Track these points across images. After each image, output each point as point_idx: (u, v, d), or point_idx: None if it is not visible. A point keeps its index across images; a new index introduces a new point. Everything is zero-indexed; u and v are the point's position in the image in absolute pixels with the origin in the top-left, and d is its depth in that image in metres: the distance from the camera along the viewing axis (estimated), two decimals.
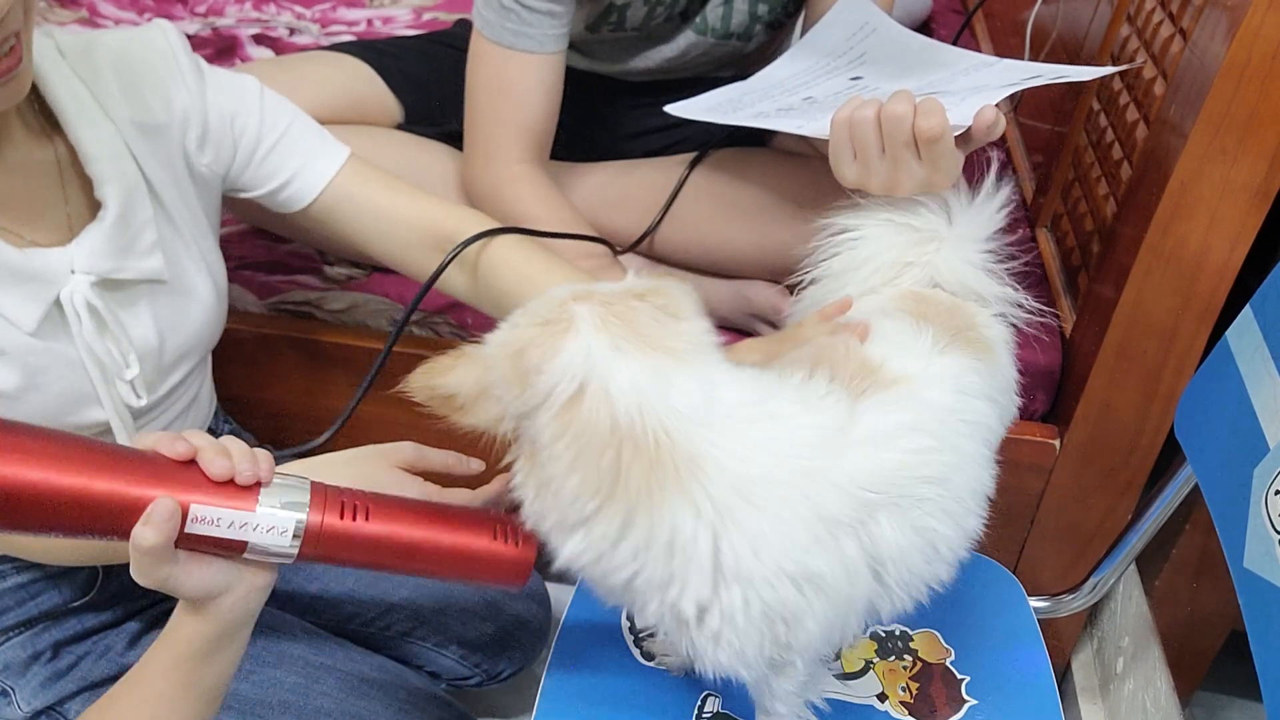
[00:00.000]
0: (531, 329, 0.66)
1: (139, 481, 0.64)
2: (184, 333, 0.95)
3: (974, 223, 0.89)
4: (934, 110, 0.83)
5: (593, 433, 0.63)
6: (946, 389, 0.77)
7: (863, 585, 0.70)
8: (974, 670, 1.00)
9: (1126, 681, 1.30)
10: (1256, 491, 0.82)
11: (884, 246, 0.89)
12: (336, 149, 1.01)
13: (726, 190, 1.18)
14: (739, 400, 0.67)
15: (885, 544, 0.69)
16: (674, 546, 0.65)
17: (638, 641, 1.01)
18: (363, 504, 0.70)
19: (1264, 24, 0.92)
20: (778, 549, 0.65)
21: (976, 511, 0.78)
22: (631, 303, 0.67)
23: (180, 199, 0.93)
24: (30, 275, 0.82)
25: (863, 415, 0.71)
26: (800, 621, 0.68)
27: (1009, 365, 0.87)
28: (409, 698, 1.06)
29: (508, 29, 1.05)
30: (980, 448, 0.78)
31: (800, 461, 0.67)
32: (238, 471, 0.66)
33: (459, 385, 0.68)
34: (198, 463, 0.66)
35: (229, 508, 0.65)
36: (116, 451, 0.65)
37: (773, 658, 0.70)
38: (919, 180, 0.87)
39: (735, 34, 1.20)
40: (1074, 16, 1.51)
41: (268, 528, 0.66)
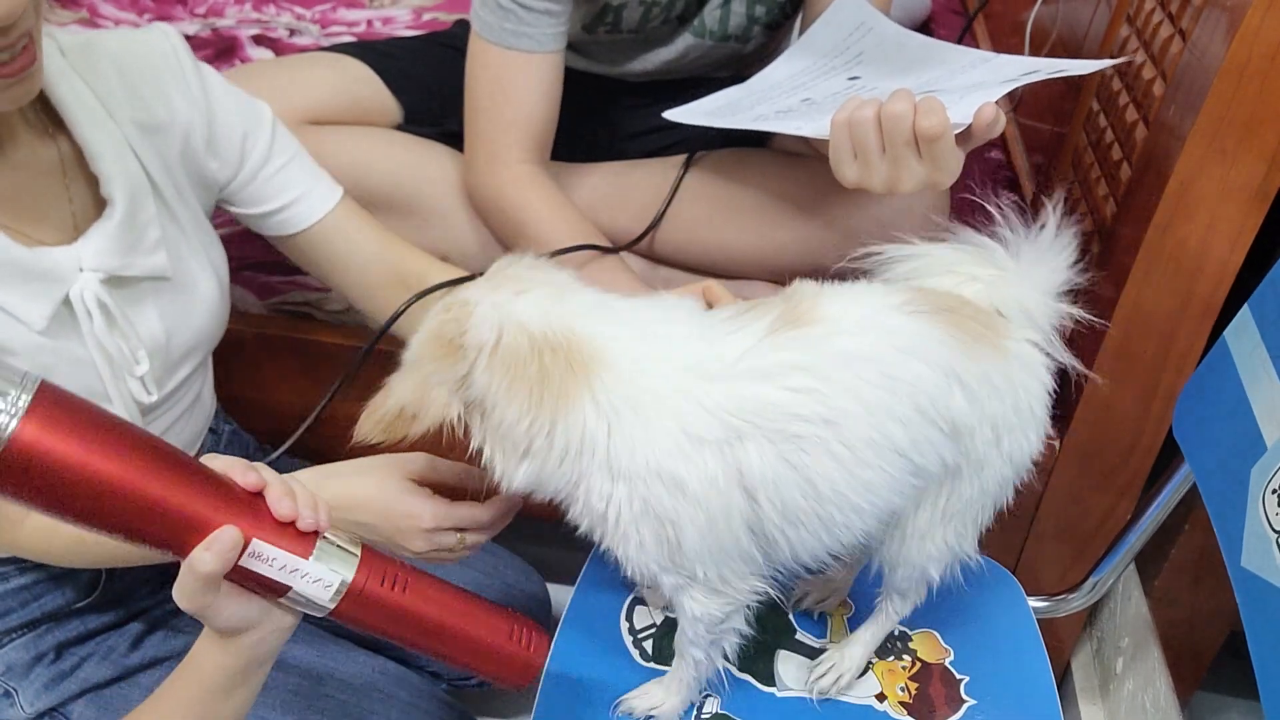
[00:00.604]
0: (438, 317, 0.77)
1: (210, 504, 0.64)
2: (189, 328, 0.95)
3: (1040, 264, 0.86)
4: (934, 109, 0.84)
5: (516, 356, 0.74)
6: (872, 340, 0.77)
7: (735, 504, 0.76)
8: (973, 670, 1.00)
9: (1126, 682, 1.30)
10: (1254, 491, 0.82)
11: (943, 271, 0.88)
12: (334, 186, 1.04)
13: (725, 191, 1.18)
14: (633, 310, 0.78)
15: (752, 470, 0.75)
16: (584, 444, 0.74)
17: (637, 642, 1.01)
18: (403, 577, 0.73)
19: (1263, 24, 0.92)
20: (647, 451, 0.74)
21: (879, 465, 0.77)
22: (508, 270, 0.79)
23: (180, 197, 0.94)
24: (40, 274, 0.82)
25: (760, 350, 0.76)
26: (680, 525, 0.76)
27: (1028, 386, 0.83)
28: (410, 698, 1.06)
29: (506, 29, 1.05)
30: (904, 407, 0.76)
31: (675, 378, 0.75)
32: (300, 516, 0.67)
33: (401, 397, 0.76)
34: (265, 497, 0.67)
35: (285, 550, 0.67)
36: (194, 467, 0.65)
37: (674, 561, 0.78)
38: (920, 178, 0.87)
39: (733, 36, 1.20)
40: (1074, 17, 1.51)
41: (315, 578, 0.68)
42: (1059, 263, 0.86)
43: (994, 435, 0.82)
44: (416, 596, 0.73)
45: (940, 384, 0.78)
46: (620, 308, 0.79)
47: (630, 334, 0.77)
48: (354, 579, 0.69)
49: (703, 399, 0.75)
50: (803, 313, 0.78)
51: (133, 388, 0.90)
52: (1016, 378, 0.82)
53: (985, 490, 0.85)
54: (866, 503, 0.78)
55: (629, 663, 0.99)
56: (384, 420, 0.77)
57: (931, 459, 0.79)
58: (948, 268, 0.87)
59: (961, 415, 0.79)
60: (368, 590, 0.70)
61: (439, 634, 0.75)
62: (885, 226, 1.13)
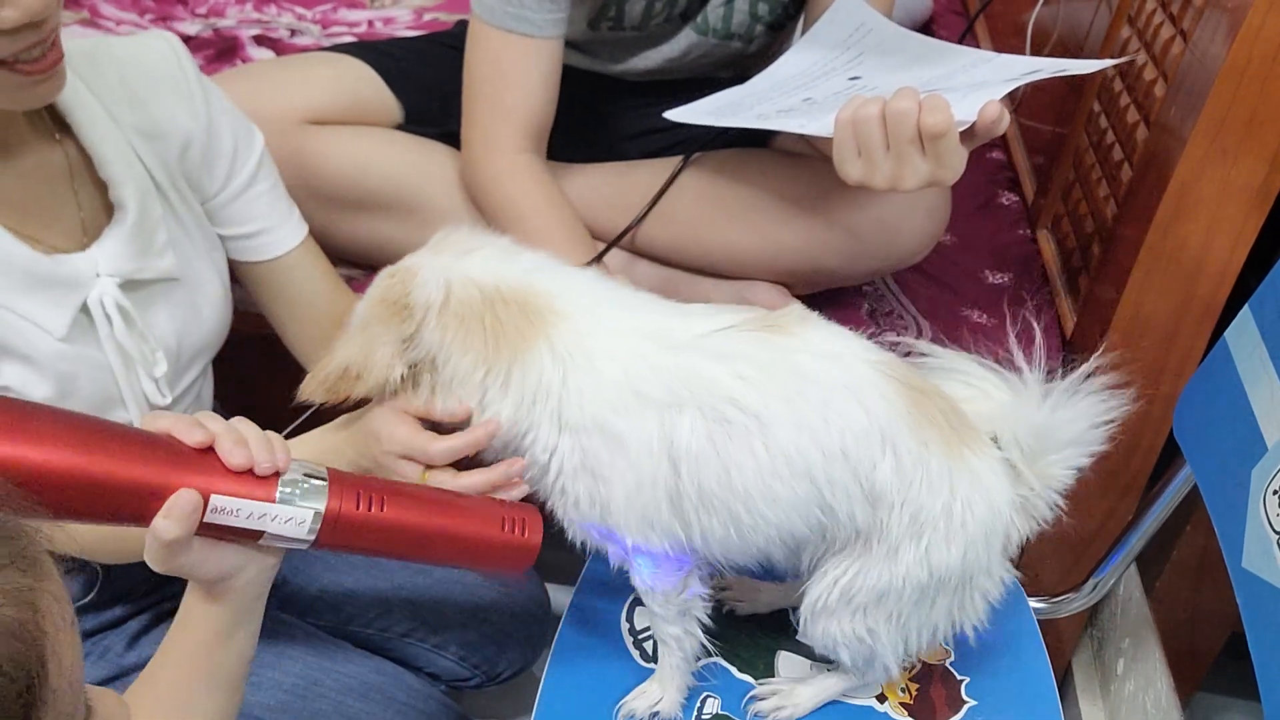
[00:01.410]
0: (382, 283, 0.81)
1: (159, 469, 0.63)
2: (198, 329, 0.96)
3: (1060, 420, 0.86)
4: (939, 106, 0.84)
5: (469, 309, 0.77)
6: (828, 368, 0.78)
7: (661, 472, 0.78)
8: (973, 671, 1.00)
9: (1127, 682, 1.30)
10: (1255, 492, 0.82)
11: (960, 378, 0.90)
12: (302, 222, 1.04)
13: (727, 190, 1.18)
14: (589, 277, 0.83)
15: (681, 441, 0.77)
16: (538, 392, 0.78)
17: (638, 643, 1.01)
18: (379, 494, 0.71)
19: (1264, 25, 0.92)
20: (595, 403, 0.77)
21: (790, 483, 0.77)
22: (450, 238, 0.82)
23: (183, 200, 0.94)
24: (59, 281, 0.83)
25: (724, 335, 0.78)
26: (609, 482, 0.78)
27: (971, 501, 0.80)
28: (408, 699, 1.06)
29: (507, 13, 1.05)
30: (830, 439, 0.77)
31: (634, 338, 0.78)
32: (256, 462, 0.66)
33: (345, 357, 0.79)
34: (216, 450, 0.65)
35: (248, 498, 0.66)
36: (135, 436, 0.64)
37: (605, 523, 0.80)
38: (923, 176, 0.87)
39: (736, 34, 1.20)
40: (1075, 18, 1.51)
41: (286, 518, 0.67)
42: (1080, 425, 0.86)
43: (913, 526, 0.80)
44: (397, 509, 0.72)
45: (872, 439, 0.78)
46: (575, 272, 0.84)
47: (590, 293, 0.81)
48: (326, 509, 0.68)
49: (655, 362, 0.77)
50: (781, 325, 0.80)
51: (147, 390, 0.90)
52: (961, 487, 0.80)
53: (899, 587, 0.82)
54: (771, 514, 0.79)
55: (629, 664, 0.99)
56: (328, 380, 0.80)
57: (842, 504, 0.79)
58: (966, 378, 0.88)
59: (884, 483, 0.79)
60: (344, 516, 0.69)
61: (431, 542, 0.74)
62: (887, 225, 1.13)
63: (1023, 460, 0.85)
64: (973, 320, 1.26)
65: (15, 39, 0.71)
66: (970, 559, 0.81)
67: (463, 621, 1.17)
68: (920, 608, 0.84)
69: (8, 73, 0.74)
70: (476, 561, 0.78)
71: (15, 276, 0.80)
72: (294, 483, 0.68)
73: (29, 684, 0.40)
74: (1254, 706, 0.78)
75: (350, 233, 1.21)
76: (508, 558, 0.78)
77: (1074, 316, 1.26)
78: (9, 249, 0.80)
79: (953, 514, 0.79)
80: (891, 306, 1.27)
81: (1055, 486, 0.87)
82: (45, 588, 0.43)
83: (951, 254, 1.37)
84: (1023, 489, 0.85)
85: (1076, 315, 1.25)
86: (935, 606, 0.84)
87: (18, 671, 0.40)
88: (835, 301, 1.25)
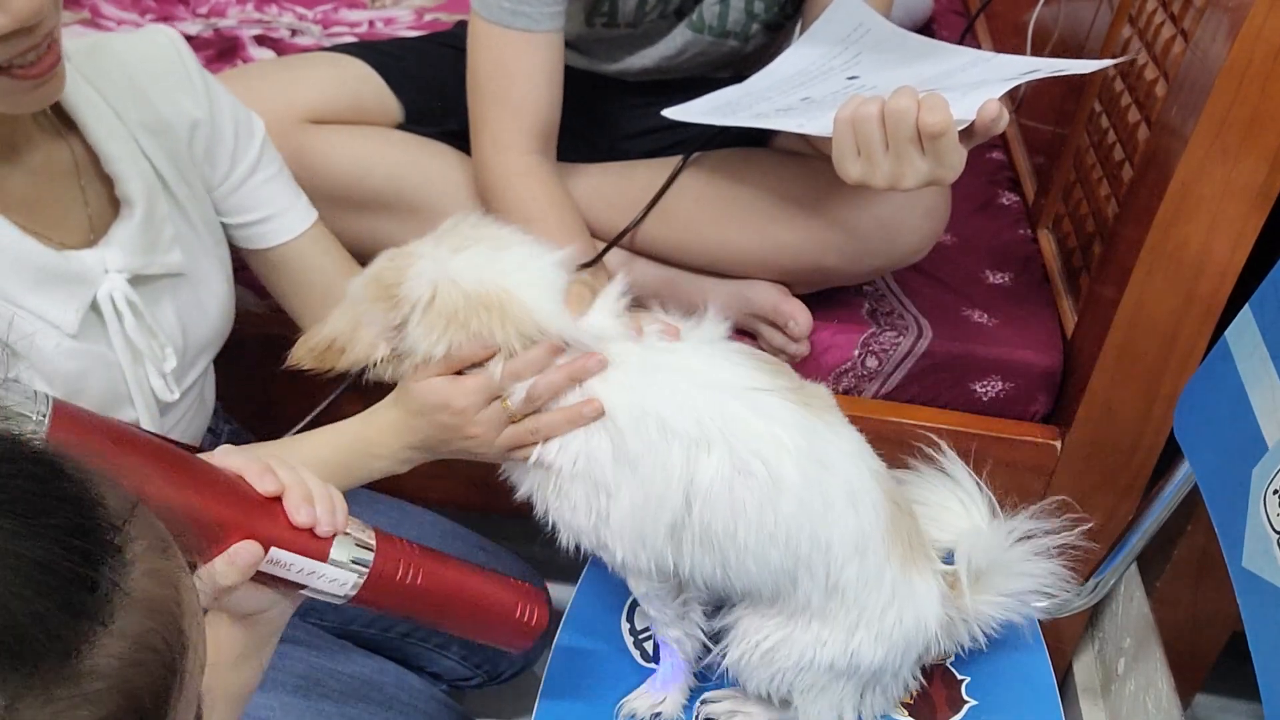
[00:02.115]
0: (381, 263, 0.83)
1: (231, 513, 0.64)
2: (204, 325, 0.96)
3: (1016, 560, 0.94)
4: (938, 105, 0.84)
5: (452, 311, 0.79)
6: (844, 468, 0.83)
7: (671, 497, 0.79)
8: (974, 671, 1.00)
9: (1128, 682, 1.30)
10: (1255, 491, 0.82)
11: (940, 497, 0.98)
12: (310, 207, 1.05)
13: (727, 190, 1.18)
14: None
15: (703, 477, 0.79)
16: None
17: (638, 643, 1.01)
18: (418, 564, 0.73)
19: (1265, 25, 0.92)
20: (613, 415, 0.79)
21: (780, 547, 0.81)
22: (456, 228, 0.84)
23: (190, 195, 0.94)
24: (70, 277, 0.83)
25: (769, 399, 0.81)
26: (614, 497, 0.80)
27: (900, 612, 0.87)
28: (410, 699, 1.06)
29: (504, 8, 1.05)
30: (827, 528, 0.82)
31: (670, 374, 0.81)
32: (319, 522, 0.67)
33: (334, 329, 0.82)
34: (282, 503, 0.67)
35: (304, 555, 0.67)
36: (214, 474, 0.65)
37: (599, 531, 0.82)
38: (923, 175, 0.88)
39: (732, 32, 1.20)
40: (1076, 17, 1.51)
41: (332, 578, 0.69)
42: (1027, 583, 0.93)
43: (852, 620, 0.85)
44: (430, 581, 0.74)
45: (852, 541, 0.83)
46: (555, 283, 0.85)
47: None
48: (369, 573, 0.70)
49: (689, 395, 0.80)
50: (812, 401, 0.83)
51: (155, 385, 0.90)
52: (900, 599, 0.86)
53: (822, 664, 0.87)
54: (755, 570, 0.83)
55: (630, 664, 0.99)
56: (316, 349, 0.82)
57: (806, 584, 0.84)
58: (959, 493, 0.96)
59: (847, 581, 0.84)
60: (383, 581, 0.71)
61: (448, 613, 0.77)
62: (886, 225, 1.13)
63: (966, 579, 0.92)
64: (973, 320, 1.26)
65: (9, 44, 0.71)
66: (888, 660, 0.87)
67: None
68: (832, 686, 0.89)
69: (5, 78, 0.74)
70: (483, 635, 0.82)
71: (26, 273, 0.81)
72: (347, 545, 0.69)
73: (174, 659, 0.41)
74: (1255, 707, 0.78)
75: (351, 232, 1.21)
76: (510, 638, 0.82)
77: (1075, 316, 1.26)
78: (19, 246, 0.80)
79: (886, 620, 0.86)
80: (892, 306, 1.27)
81: (980, 621, 0.93)
82: (183, 571, 0.45)
83: (952, 254, 1.37)
84: (951, 610, 0.91)
85: (1077, 315, 1.25)
86: (844, 689, 0.90)
87: (166, 647, 0.41)
88: (835, 301, 1.25)
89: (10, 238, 0.80)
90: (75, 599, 0.38)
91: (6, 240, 0.80)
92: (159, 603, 0.42)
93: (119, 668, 0.39)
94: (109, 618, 0.39)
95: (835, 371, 1.24)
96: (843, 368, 1.24)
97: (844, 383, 1.25)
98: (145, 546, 0.42)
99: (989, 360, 1.22)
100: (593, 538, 0.84)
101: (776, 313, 1.20)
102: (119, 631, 0.39)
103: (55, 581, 0.38)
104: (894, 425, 1.22)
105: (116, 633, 0.39)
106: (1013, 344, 1.23)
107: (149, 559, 0.42)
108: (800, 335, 1.20)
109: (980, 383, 1.23)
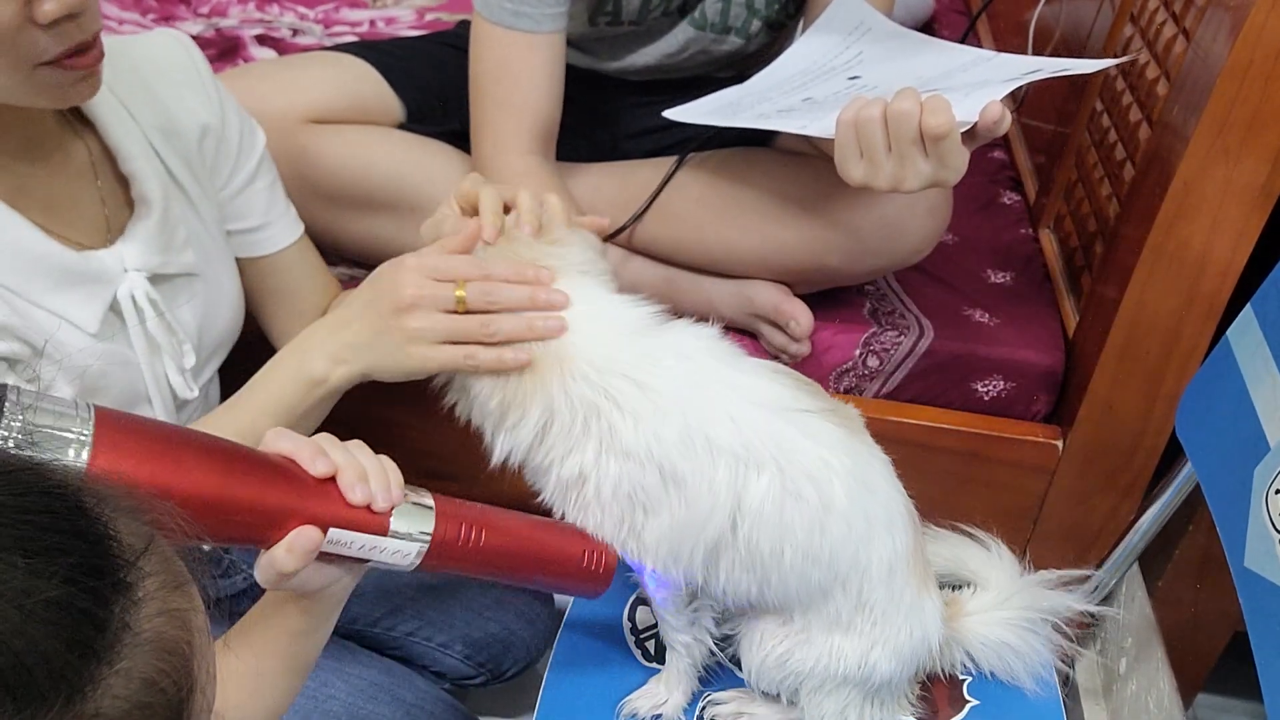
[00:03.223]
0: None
1: (284, 499, 0.64)
2: (218, 324, 0.96)
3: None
4: (941, 107, 0.84)
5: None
6: (886, 492, 0.85)
7: (717, 519, 0.79)
8: (976, 670, 1.00)
9: (1129, 682, 1.30)
10: (1257, 491, 0.82)
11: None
12: (298, 221, 1.05)
13: (728, 190, 1.18)
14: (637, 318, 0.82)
15: (751, 499, 0.78)
16: (587, 412, 0.78)
17: (640, 642, 1.01)
18: (479, 524, 0.74)
19: (1267, 24, 0.92)
20: (656, 436, 0.77)
21: (822, 567, 0.82)
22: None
23: (203, 194, 0.95)
24: (90, 277, 0.83)
25: (814, 420, 0.81)
26: (653, 514, 0.79)
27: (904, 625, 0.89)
28: (415, 699, 1.07)
29: (506, 8, 1.05)
30: (867, 553, 0.83)
31: (701, 380, 0.80)
32: (374, 499, 0.67)
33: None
34: (336, 483, 0.67)
35: (364, 533, 0.68)
36: (263, 461, 0.65)
37: (628, 545, 0.81)
38: (926, 177, 0.88)
39: (733, 27, 1.20)
40: (1077, 17, 1.51)
41: (394, 550, 0.70)
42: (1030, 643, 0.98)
43: (874, 634, 0.87)
44: (493, 538, 0.74)
45: (885, 564, 0.85)
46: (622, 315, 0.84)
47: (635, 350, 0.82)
48: (432, 540, 0.71)
49: (739, 413, 0.79)
50: (849, 422, 0.85)
51: (175, 383, 0.91)
52: (914, 617, 0.88)
53: (835, 671, 0.88)
54: (794, 587, 0.83)
55: (632, 663, 0.99)
56: None
57: (838, 600, 0.85)
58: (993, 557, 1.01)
59: (874, 600, 0.86)
60: (445, 546, 0.72)
61: (515, 569, 0.78)
62: (888, 225, 1.13)
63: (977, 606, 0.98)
64: (974, 320, 1.26)
65: (59, 36, 0.73)
66: (894, 672, 0.89)
67: (468, 620, 1.17)
68: (840, 690, 0.90)
69: (54, 70, 0.75)
70: (550, 585, 0.83)
71: (48, 275, 0.81)
72: (406, 516, 0.70)
73: (181, 701, 0.41)
74: (1257, 707, 0.78)
75: (352, 232, 1.21)
76: (581, 587, 0.82)
77: (1076, 316, 1.26)
78: (42, 247, 0.81)
79: (901, 635, 0.88)
80: (893, 306, 1.27)
81: (972, 646, 0.97)
82: (195, 608, 0.44)
83: (953, 253, 1.37)
84: (948, 631, 0.94)
85: (1079, 315, 1.25)
86: (850, 694, 0.91)
87: (174, 689, 0.41)
88: (837, 301, 1.25)
89: (33, 239, 0.80)
90: (83, 638, 0.38)
91: (30, 241, 0.80)
92: (169, 643, 0.41)
93: (125, 710, 0.38)
94: (117, 658, 0.39)
95: (836, 371, 1.24)
96: (844, 367, 1.24)
97: (845, 382, 1.25)
98: (159, 584, 0.42)
99: (990, 360, 1.22)
100: (620, 547, 0.83)
101: (778, 313, 1.20)
102: (126, 672, 0.39)
103: (64, 621, 0.37)
104: (895, 425, 1.22)
105: (124, 673, 0.39)
106: (1014, 343, 1.23)
107: (162, 597, 0.42)
108: (801, 335, 1.20)
109: (981, 382, 1.23)
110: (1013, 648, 0.96)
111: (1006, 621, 0.97)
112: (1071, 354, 1.23)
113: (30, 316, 0.80)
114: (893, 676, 0.89)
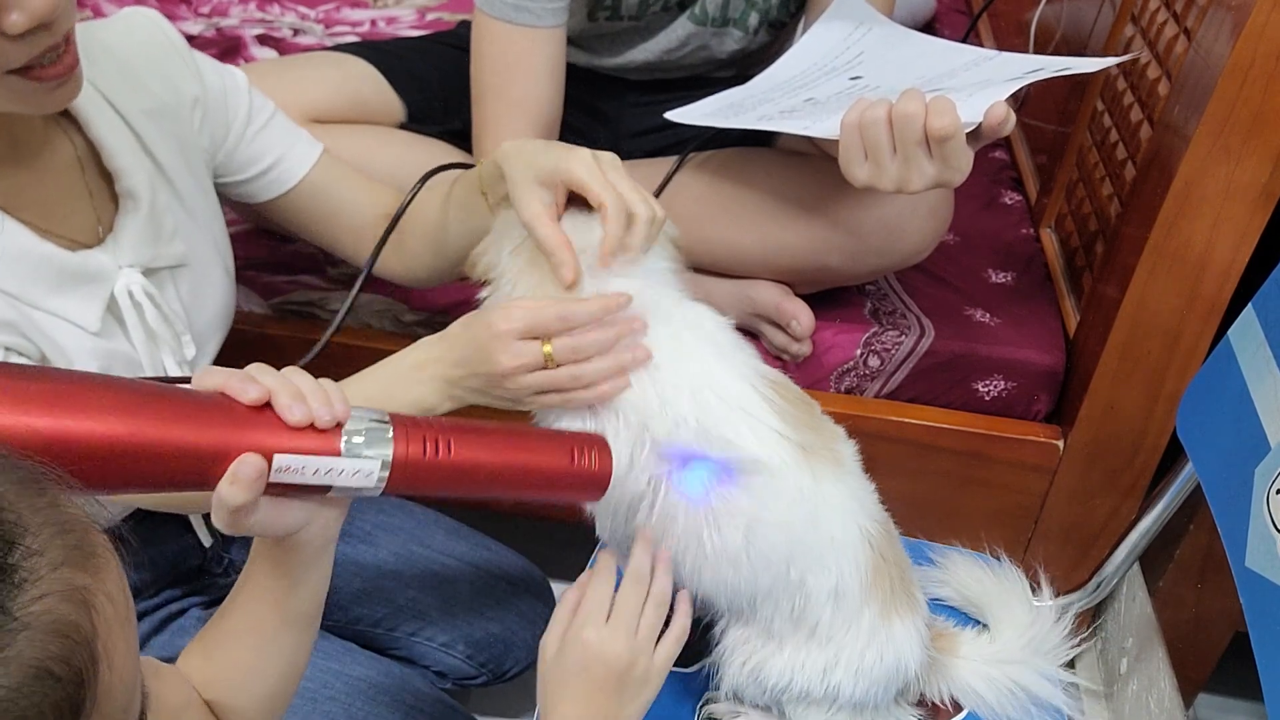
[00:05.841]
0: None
1: (217, 433, 0.60)
2: (205, 314, 0.96)
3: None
4: (945, 109, 0.84)
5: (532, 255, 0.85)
6: (841, 519, 0.85)
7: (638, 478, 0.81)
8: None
9: (1130, 682, 1.30)
10: (1258, 491, 0.82)
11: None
12: (314, 141, 1.04)
13: (730, 190, 1.18)
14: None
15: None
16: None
17: None
18: (444, 436, 0.68)
19: (1268, 24, 0.92)
20: None
21: (761, 563, 0.83)
22: None
23: (193, 180, 0.95)
24: (87, 275, 0.83)
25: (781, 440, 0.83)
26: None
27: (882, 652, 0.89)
28: (415, 702, 1.06)
29: (507, 3, 1.06)
30: (806, 562, 0.84)
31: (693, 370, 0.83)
32: (316, 417, 0.62)
33: (483, 244, 0.89)
34: (273, 407, 0.62)
35: (312, 454, 0.63)
36: (185, 398, 0.61)
37: None
38: (930, 177, 0.88)
39: (733, 19, 1.20)
40: (1078, 16, 1.51)
41: (353, 470, 0.64)
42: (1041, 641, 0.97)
43: (831, 656, 0.87)
44: (465, 449, 0.69)
45: (829, 590, 0.85)
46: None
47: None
48: (394, 456, 0.65)
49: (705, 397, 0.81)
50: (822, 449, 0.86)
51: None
52: (879, 641, 0.87)
53: (805, 689, 0.88)
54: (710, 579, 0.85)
55: None
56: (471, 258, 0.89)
57: (767, 609, 0.86)
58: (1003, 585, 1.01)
59: (818, 619, 0.86)
60: (411, 461, 0.66)
61: (499, 478, 0.72)
62: (891, 226, 1.13)
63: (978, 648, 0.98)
64: (975, 319, 1.26)
65: (28, 44, 0.71)
66: (871, 695, 0.89)
67: (469, 621, 1.17)
68: (819, 705, 0.90)
69: (25, 79, 0.74)
70: (547, 493, 0.76)
71: (47, 277, 0.81)
72: (358, 432, 0.64)
73: (79, 684, 0.39)
74: (1258, 707, 0.78)
75: None
76: (579, 488, 0.76)
77: (1077, 316, 1.26)
78: (39, 249, 0.80)
79: (867, 659, 0.87)
80: (894, 306, 1.27)
81: (958, 689, 0.96)
82: (100, 584, 0.42)
83: (954, 253, 1.37)
84: (931, 653, 0.93)
85: (1080, 314, 1.25)
86: (833, 712, 0.91)
87: (68, 672, 0.39)
88: (837, 301, 1.25)
89: (30, 242, 0.80)
90: None
91: (27, 245, 0.80)
92: (64, 626, 0.39)
93: (11, 698, 0.37)
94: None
95: (837, 371, 1.24)
96: (845, 367, 1.24)
97: (846, 382, 1.25)
98: (52, 561, 0.40)
99: (991, 360, 1.22)
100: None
101: (779, 312, 1.20)
102: (7, 660, 0.37)
103: None
104: (896, 425, 1.22)
105: (6, 661, 0.37)
106: (1015, 343, 1.23)
107: (56, 576, 0.40)
108: (802, 335, 1.20)
109: (983, 382, 1.23)
110: (992, 708, 0.95)
111: (992, 680, 0.95)
112: (1072, 354, 1.22)
113: (33, 320, 0.80)
114: (868, 697, 0.89)
